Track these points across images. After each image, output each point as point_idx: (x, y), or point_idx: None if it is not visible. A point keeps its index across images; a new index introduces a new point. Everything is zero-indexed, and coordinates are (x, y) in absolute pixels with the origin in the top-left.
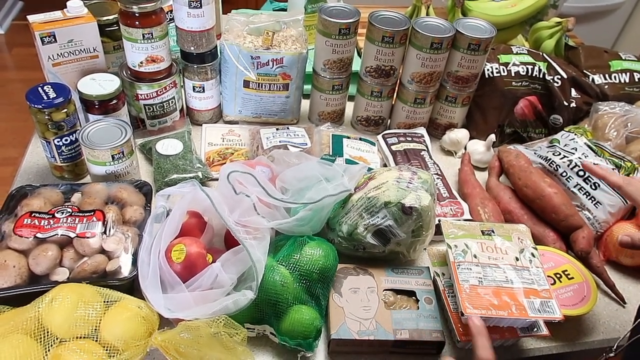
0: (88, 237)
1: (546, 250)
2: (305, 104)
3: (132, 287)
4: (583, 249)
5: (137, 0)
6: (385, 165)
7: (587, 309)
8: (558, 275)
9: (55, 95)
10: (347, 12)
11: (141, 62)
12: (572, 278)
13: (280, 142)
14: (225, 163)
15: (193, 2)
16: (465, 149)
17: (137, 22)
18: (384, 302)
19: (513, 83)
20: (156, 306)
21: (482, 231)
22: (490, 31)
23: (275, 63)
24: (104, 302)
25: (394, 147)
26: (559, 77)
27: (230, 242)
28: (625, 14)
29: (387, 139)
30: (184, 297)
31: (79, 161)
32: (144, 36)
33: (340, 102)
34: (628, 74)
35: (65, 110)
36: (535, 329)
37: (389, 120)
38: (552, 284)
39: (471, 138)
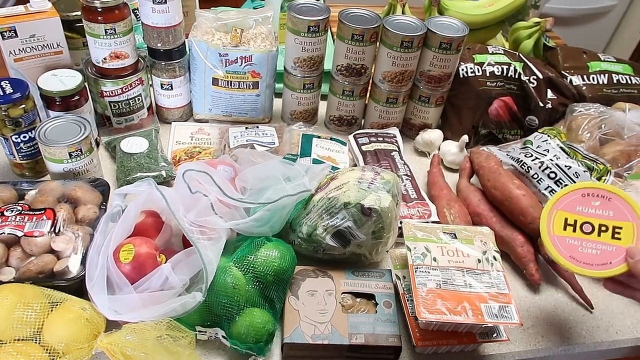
0: (36, 236)
1: (617, 196)
2: (278, 102)
3: (81, 288)
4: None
5: None
6: (355, 165)
7: (594, 273)
8: (603, 228)
9: (12, 91)
10: (317, 10)
11: (105, 58)
12: (619, 239)
13: (247, 141)
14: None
15: None
16: (439, 149)
17: (99, 17)
18: (341, 305)
19: (488, 83)
20: (100, 307)
21: (444, 234)
22: (462, 30)
23: (244, 61)
24: (49, 303)
25: (364, 147)
26: (535, 77)
27: (187, 242)
28: (617, 17)
29: (358, 139)
30: (130, 299)
31: (39, 158)
32: (106, 32)
33: (312, 101)
34: (606, 75)
35: (23, 106)
36: (495, 334)
37: (362, 120)
38: (587, 233)
39: (446, 139)
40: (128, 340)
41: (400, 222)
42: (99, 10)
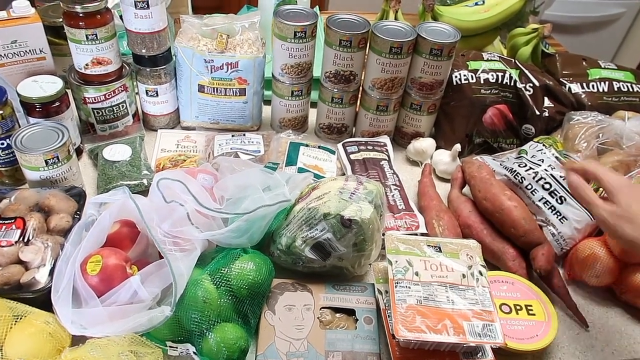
0: (3, 246)
1: (518, 281)
2: (268, 110)
3: (48, 300)
4: (542, 266)
5: (81, 0)
6: (343, 175)
7: (530, 347)
8: (518, 307)
9: None
10: (304, 15)
11: (87, 64)
12: (533, 315)
13: (231, 149)
14: None
15: (139, 2)
16: (431, 159)
17: (81, 23)
18: (319, 321)
19: (482, 91)
20: (63, 321)
21: (428, 247)
22: (454, 36)
23: (230, 67)
24: (12, 316)
25: (352, 156)
26: (531, 85)
27: None
28: (625, 25)
29: (347, 148)
30: (96, 312)
31: (19, 166)
32: (87, 37)
33: (301, 109)
34: (607, 82)
35: (0, 112)
36: (480, 354)
37: (353, 128)
38: (507, 313)
39: (439, 148)
40: (93, 355)
41: (383, 234)
42: (80, 15)
